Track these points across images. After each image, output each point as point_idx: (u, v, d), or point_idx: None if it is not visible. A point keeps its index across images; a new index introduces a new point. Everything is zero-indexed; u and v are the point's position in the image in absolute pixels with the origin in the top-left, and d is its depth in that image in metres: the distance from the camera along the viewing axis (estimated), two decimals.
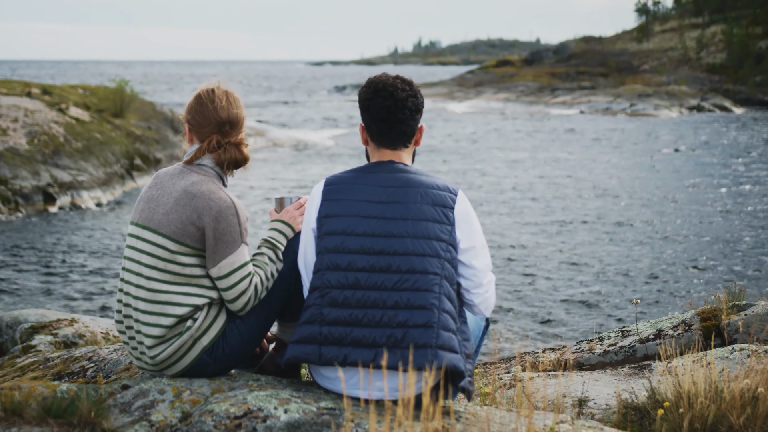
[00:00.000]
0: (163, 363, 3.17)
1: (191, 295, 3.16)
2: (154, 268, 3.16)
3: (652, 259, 15.94)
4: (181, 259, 3.16)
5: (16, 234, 18.39)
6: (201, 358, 3.17)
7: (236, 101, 3.39)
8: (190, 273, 3.17)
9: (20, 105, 24.53)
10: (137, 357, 3.26)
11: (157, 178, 3.34)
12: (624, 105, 58.52)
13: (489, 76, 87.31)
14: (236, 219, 3.19)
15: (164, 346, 3.15)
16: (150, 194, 3.30)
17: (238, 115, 3.36)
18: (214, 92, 3.36)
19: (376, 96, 3.20)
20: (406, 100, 3.21)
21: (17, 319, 8.82)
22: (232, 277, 3.16)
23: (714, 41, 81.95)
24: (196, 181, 3.22)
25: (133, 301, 3.18)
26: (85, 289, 14.36)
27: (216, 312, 3.22)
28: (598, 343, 4.92)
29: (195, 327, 3.15)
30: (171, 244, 3.15)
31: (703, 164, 30.48)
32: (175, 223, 3.16)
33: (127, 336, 3.27)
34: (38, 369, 6.76)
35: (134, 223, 3.29)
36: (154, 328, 3.13)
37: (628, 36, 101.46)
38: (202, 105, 3.34)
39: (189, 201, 3.17)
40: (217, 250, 3.16)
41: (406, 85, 3.23)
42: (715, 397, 3.08)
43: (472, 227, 3.21)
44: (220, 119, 3.32)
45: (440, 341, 2.98)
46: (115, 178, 24.17)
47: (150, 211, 3.24)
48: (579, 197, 23.11)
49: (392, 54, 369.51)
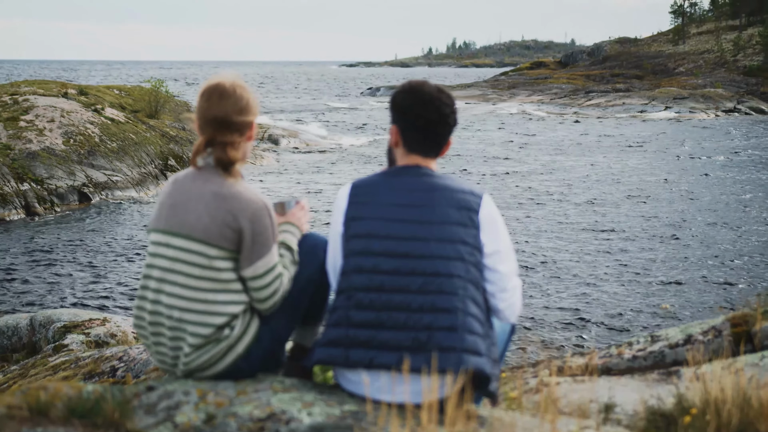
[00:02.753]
0: (196, 369, 3.15)
1: (229, 302, 3.13)
2: (191, 276, 3.11)
3: (683, 265, 15.78)
4: (218, 263, 3.12)
5: (51, 233, 18.62)
6: (235, 364, 3.16)
7: (232, 98, 3.19)
8: (225, 278, 3.13)
9: (57, 105, 24.86)
10: (168, 363, 3.21)
11: (177, 183, 3.24)
12: (659, 107, 58.03)
13: (523, 78, 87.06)
14: (269, 219, 3.17)
15: (199, 353, 3.12)
16: (173, 200, 3.20)
17: (226, 114, 3.18)
18: (210, 87, 3.23)
19: (422, 107, 3.18)
20: (449, 116, 3.21)
21: (50, 318, 8.97)
22: (267, 277, 3.15)
23: (751, 44, 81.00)
24: (224, 182, 3.16)
25: (167, 309, 3.12)
26: (118, 288, 14.50)
27: (249, 317, 3.19)
28: (627, 348, 4.88)
29: (233, 336, 3.13)
30: (209, 249, 3.10)
31: (737, 169, 30.11)
32: (210, 227, 3.10)
33: (153, 343, 3.21)
34: (69, 368, 6.86)
35: (160, 231, 3.20)
36: (193, 337, 3.10)
37: (664, 38, 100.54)
38: (199, 100, 3.24)
39: (222, 203, 3.11)
40: (254, 251, 3.13)
41: (449, 99, 3.23)
42: (743, 405, 3.05)
43: (498, 231, 3.19)
44: (210, 116, 3.19)
45: (465, 344, 2.97)
46: (149, 178, 24.41)
47: (177, 217, 3.16)
48: (609, 202, 22.94)
49: (426, 55, 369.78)
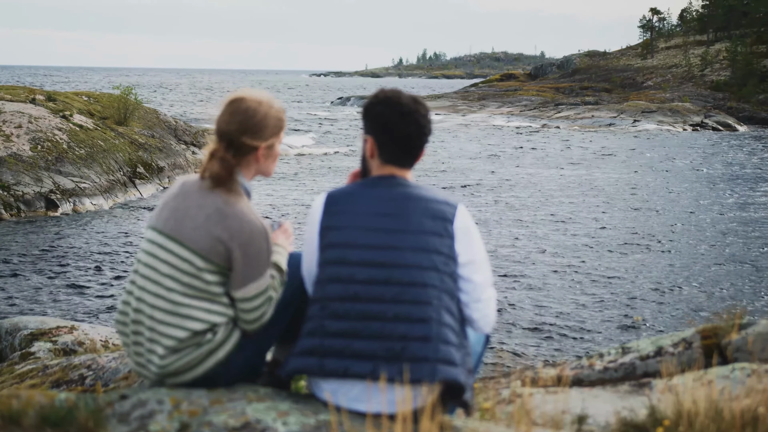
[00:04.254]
0: (172, 372, 3.11)
1: (212, 312, 3.10)
2: (177, 281, 3.09)
3: (653, 277, 15.93)
4: (207, 276, 3.10)
5: (17, 240, 18.40)
6: (214, 370, 3.12)
7: (242, 117, 3.21)
8: (213, 290, 3.11)
9: (24, 111, 24.60)
10: (141, 364, 3.18)
11: (184, 187, 3.22)
12: (628, 121, 58.58)
13: (493, 89, 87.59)
14: (266, 243, 3.14)
15: (177, 356, 3.08)
16: (176, 204, 3.18)
17: (230, 131, 3.18)
18: (228, 99, 3.26)
19: (401, 121, 3.15)
20: (425, 127, 3.19)
21: (17, 325, 8.83)
22: (257, 300, 3.13)
23: (718, 59, 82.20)
24: (228, 200, 3.13)
25: (148, 308, 3.10)
26: (85, 296, 14.35)
27: (232, 326, 3.17)
28: (598, 360, 4.90)
29: (215, 341, 3.10)
30: (199, 261, 3.09)
31: (705, 182, 30.48)
32: (205, 239, 3.08)
33: (131, 341, 3.19)
34: (37, 376, 6.76)
35: (157, 230, 3.19)
36: (169, 339, 3.07)
37: (633, 52, 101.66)
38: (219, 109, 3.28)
39: (221, 220, 3.10)
40: (245, 274, 3.11)
41: (425, 110, 3.20)
42: (715, 417, 3.07)
43: (473, 241, 3.18)
44: (217, 128, 3.23)
45: (439, 355, 2.96)
46: (117, 185, 24.20)
47: (177, 221, 3.15)
48: (580, 215, 23.11)
49: (396, 66, 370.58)
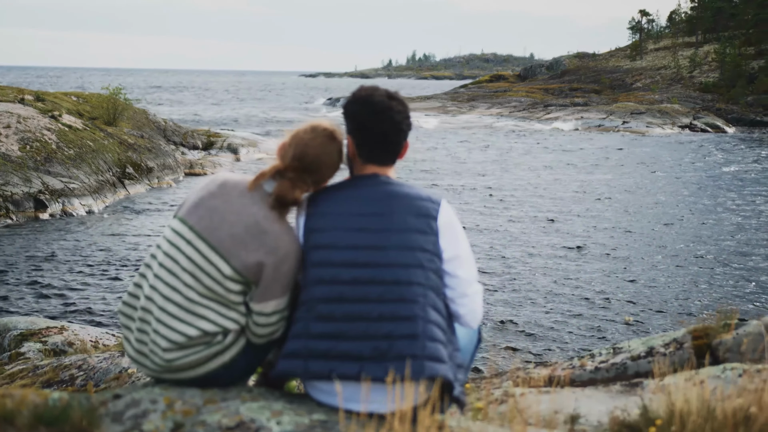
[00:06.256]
0: (175, 368, 3.09)
1: (227, 317, 3.09)
2: (198, 280, 3.06)
3: (644, 278, 15.97)
4: (230, 284, 3.07)
5: (5, 240, 18.32)
6: (217, 371, 3.11)
7: (333, 148, 3.20)
8: (233, 299, 3.09)
9: (13, 111, 24.50)
10: (143, 353, 3.14)
11: (225, 187, 3.18)
12: (617, 122, 58.72)
13: (482, 90, 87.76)
14: (296, 264, 3.12)
15: (183, 353, 3.06)
16: (214, 204, 3.14)
17: (319, 160, 3.18)
18: (323, 126, 3.23)
19: (374, 119, 3.14)
20: (402, 123, 3.18)
21: (6, 326, 8.82)
22: (272, 317, 3.12)
23: (707, 60, 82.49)
24: (269, 215, 3.11)
25: (161, 299, 3.06)
26: (75, 296, 14.30)
27: (242, 332, 3.15)
28: (589, 360, 4.91)
29: (224, 343, 3.09)
30: (227, 269, 3.05)
31: (694, 184, 30.57)
32: (239, 250, 3.05)
33: (135, 328, 3.15)
34: (27, 376, 6.74)
35: (188, 225, 3.13)
36: (178, 334, 3.04)
37: (622, 53, 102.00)
38: (304, 130, 3.23)
39: (259, 234, 3.07)
40: (271, 290, 3.09)
41: (401, 105, 3.18)
42: (707, 416, 3.08)
43: (457, 236, 3.19)
44: (304, 151, 3.19)
45: (427, 352, 2.96)
46: (106, 186, 24.12)
47: (212, 223, 3.10)
48: (572, 216, 23.15)
49: (386, 67, 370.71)
